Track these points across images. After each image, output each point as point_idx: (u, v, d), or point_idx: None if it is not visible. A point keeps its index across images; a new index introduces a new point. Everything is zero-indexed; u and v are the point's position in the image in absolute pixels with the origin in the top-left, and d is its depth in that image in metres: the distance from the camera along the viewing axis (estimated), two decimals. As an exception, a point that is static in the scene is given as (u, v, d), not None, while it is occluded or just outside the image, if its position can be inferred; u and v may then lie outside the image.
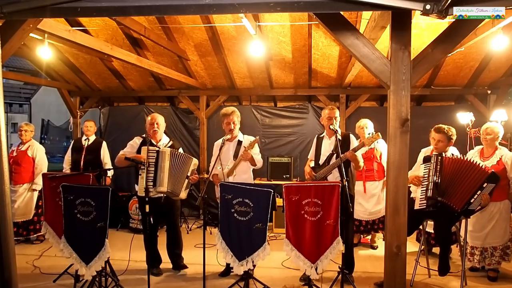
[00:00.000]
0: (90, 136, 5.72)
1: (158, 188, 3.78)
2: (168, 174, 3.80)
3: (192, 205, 6.67)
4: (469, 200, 3.44)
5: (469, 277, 3.94)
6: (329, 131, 4.02)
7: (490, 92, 6.11)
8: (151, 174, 3.74)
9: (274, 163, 6.24)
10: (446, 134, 3.85)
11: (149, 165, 3.71)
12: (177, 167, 3.85)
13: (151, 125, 4.12)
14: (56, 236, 3.80)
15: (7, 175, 2.50)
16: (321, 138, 4.18)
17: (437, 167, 3.62)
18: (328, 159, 3.97)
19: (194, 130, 7.00)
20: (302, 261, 3.36)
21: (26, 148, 5.26)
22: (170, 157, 3.82)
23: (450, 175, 3.57)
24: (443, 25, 4.09)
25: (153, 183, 3.75)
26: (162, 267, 4.30)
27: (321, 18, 2.48)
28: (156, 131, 4.11)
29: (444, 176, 3.58)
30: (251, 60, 5.64)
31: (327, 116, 3.99)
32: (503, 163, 3.84)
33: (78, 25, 5.10)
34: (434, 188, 3.57)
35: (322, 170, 3.96)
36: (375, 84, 6.19)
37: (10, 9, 2.32)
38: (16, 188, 5.17)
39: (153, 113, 4.26)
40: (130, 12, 2.36)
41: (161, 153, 3.80)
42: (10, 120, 21.52)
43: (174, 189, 3.84)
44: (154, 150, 3.81)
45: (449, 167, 3.59)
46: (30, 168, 5.23)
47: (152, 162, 3.75)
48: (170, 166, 3.81)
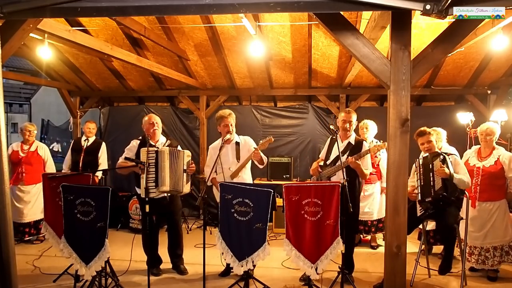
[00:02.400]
0: (90, 137, 5.72)
1: (161, 188, 3.78)
2: (169, 172, 3.80)
3: (192, 205, 6.68)
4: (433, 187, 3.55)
5: (469, 277, 3.95)
6: (343, 133, 4.03)
7: (490, 92, 6.11)
8: (152, 174, 3.74)
9: (274, 163, 6.24)
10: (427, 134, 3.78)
11: (149, 165, 3.70)
12: (174, 164, 3.86)
13: (150, 124, 4.11)
14: (56, 236, 3.80)
15: (7, 175, 2.50)
16: (334, 140, 4.12)
17: (420, 170, 3.70)
18: (334, 161, 3.98)
19: (194, 130, 7.00)
20: (302, 261, 3.36)
21: (35, 148, 5.28)
22: (169, 156, 3.83)
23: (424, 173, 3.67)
24: (443, 25, 4.09)
25: (155, 183, 3.75)
26: (162, 267, 4.30)
27: (321, 18, 2.48)
28: (155, 130, 4.11)
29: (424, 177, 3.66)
30: (251, 60, 5.64)
31: (342, 119, 4.01)
32: (501, 163, 3.85)
33: (78, 25, 5.10)
34: (421, 191, 3.64)
35: (327, 170, 3.98)
36: (375, 84, 6.19)
37: (10, 9, 2.32)
38: (29, 189, 5.21)
39: (150, 114, 4.26)
40: (130, 12, 2.36)
41: (160, 153, 3.81)
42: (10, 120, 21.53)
43: (176, 187, 3.85)
44: (153, 151, 3.81)
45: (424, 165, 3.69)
46: (41, 169, 5.26)
47: (152, 162, 3.75)
48: (170, 165, 3.82)
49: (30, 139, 5.27)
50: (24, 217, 5.19)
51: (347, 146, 3.97)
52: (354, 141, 3.98)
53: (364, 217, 4.92)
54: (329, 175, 3.95)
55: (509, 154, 3.90)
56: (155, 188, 3.75)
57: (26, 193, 5.20)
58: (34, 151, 5.26)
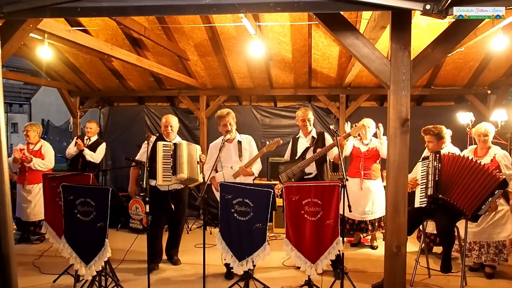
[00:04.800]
0: (92, 137, 5.76)
1: (179, 176, 4.10)
2: (186, 162, 4.16)
3: (192, 205, 6.67)
4: (480, 206, 3.43)
5: (469, 277, 3.95)
6: (304, 131, 4.36)
7: (490, 92, 6.11)
8: (167, 165, 4.13)
9: (274, 163, 6.22)
10: (433, 133, 3.93)
11: (165, 157, 4.13)
12: (190, 155, 4.26)
13: (165, 127, 4.38)
14: (56, 236, 3.81)
15: (7, 175, 2.50)
16: (297, 139, 4.47)
17: (436, 164, 3.64)
18: (303, 154, 4.26)
19: (194, 130, 7.00)
20: (302, 261, 3.36)
21: (39, 147, 5.30)
22: (187, 147, 4.24)
23: (451, 172, 3.58)
24: (443, 25, 4.09)
25: (172, 171, 4.11)
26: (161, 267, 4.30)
27: (321, 18, 2.48)
28: (169, 133, 4.38)
29: (444, 174, 3.60)
30: (251, 60, 5.64)
31: (300, 118, 4.34)
32: (497, 162, 3.87)
33: (78, 25, 5.09)
34: (434, 186, 3.58)
35: (299, 164, 4.21)
36: (375, 84, 6.19)
37: (10, 9, 2.32)
38: (30, 188, 5.23)
39: (167, 115, 4.52)
40: (130, 12, 2.36)
41: (178, 145, 4.20)
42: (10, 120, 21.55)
43: (192, 175, 4.21)
44: (169, 144, 4.22)
45: (449, 164, 3.61)
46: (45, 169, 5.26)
47: (168, 155, 4.15)
48: (187, 155, 4.20)
49: (31, 140, 5.27)
50: (29, 216, 5.22)
51: (312, 140, 4.29)
52: (316, 134, 4.35)
53: (364, 217, 4.89)
54: (302, 167, 4.20)
55: (503, 153, 3.95)
56: (172, 176, 4.11)
57: (28, 192, 5.22)
58: (38, 150, 5.27)
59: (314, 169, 4.21)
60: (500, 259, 3.98)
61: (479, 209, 3.43)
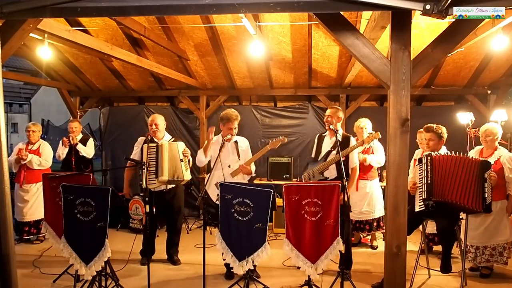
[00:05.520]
0: (77, 136, 5.70)
1: (160, 178, 4.09)
2: (167, 163, 4.15)
3: (192, 205, 6.67)
4: (483, 195, 3.40)
5: (469, 277, 3.95)
6: (330, 130, 4.08)
7: (490, 92, 6.10)
8: (153, 168, 4.10)
9: (274, 163, 6.24)
10: (436, 132, 3.91)
11: (150, 159, 4.08)
12: (171, 155, 4.22)
13: (150, 126, 4.42)
14: (56, 236, 3.80)
15: (7, 175, 2.50)
16: (322, 137, 4.27)
17: (427, 167, 3.61)
18: (326, 155, 4.07)
19: (194, 130, 7.00)
20: (302, 261, 3.36)
21: (38, 147, 5.30)
22: (168, 148, 4.19)
23: (441, 172, 3.55)
24: (443, 25, 4.09)
25: (155, 175, 4.10)
26: (161, 267, 4.30)
27: (321, 18, 2.48)
28: (155, 131, 4.38)
29: (436, 175, 3.56)
30: (251, 60, 5.64)
31: (327, 115, 4.12)
32: (501, 163, 3.85)
33: (78, 25, 5.09)
34: (426, 189, 3.56)
35: (319, 166, 4.04)
36: (375, 84, 6.19)
37: (10, 9, 2.32)
38: (28, 188, 5.23)
39: (153, 114, 4.53)
40: (130, 12, 2.36)
41: (160, 147, 4.17)
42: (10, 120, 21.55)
43: (175, 175, 4.19)
44: (153, 146, 4.19)
45: (439, 164, 3.58)
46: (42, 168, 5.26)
47: (152, 157, 4.11)
48: (168, 156, 4.17)
49: (32, 139, 5.29)
50: (24, 216, 5.21)
51: (334, 144, 4.03)
52: (341, 137, 4.03)
53: (362, 217, 4.90)
54: (321, 171, 4.03)
55: (510, 155, 3.89)
56: (155, 179, 4.07)
57: (26, 192, 5.21)
58: (36, 149, 5.28)
59: (334, 173, 4.02)
60: (500, 262, 3.95)
61: (484, 199, 3.41)
